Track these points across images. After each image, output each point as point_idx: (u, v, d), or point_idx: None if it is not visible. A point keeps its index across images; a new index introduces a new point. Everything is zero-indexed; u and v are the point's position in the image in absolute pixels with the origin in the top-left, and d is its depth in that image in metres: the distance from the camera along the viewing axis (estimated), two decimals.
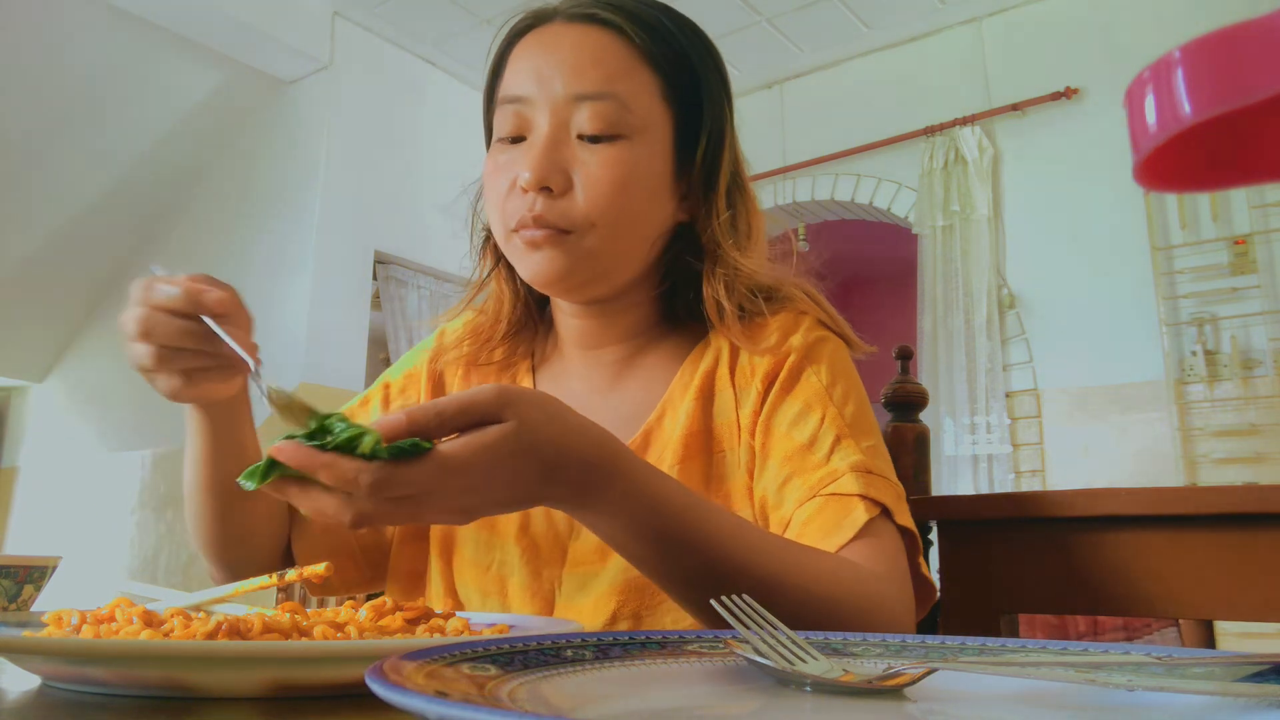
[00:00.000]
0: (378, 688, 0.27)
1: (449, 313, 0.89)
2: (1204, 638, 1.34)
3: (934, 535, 0.99)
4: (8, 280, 4.21)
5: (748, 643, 0.39)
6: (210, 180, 4.15)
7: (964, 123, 3.63)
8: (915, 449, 1.03)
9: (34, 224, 4.09)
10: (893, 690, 0.36)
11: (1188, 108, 0.25)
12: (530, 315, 0.87)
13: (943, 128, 3.68)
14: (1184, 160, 0.30)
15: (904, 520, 0.68)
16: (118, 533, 3.98)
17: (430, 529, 0.84)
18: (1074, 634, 2.45)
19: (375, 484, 0.45)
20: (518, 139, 0.74)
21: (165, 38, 3.55)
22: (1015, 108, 3.55)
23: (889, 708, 0.35)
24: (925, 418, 1.06)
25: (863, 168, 3.96)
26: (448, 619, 0.52)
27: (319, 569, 0.55)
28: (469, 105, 4.07)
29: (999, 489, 3.36)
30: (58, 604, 0.58)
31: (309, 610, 0.51)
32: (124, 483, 4.05)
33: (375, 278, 3.89)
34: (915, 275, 3.73)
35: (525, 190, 0.71)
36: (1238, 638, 2.64)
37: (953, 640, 0.42)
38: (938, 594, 0.76)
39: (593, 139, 0.71)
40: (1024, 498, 0.91)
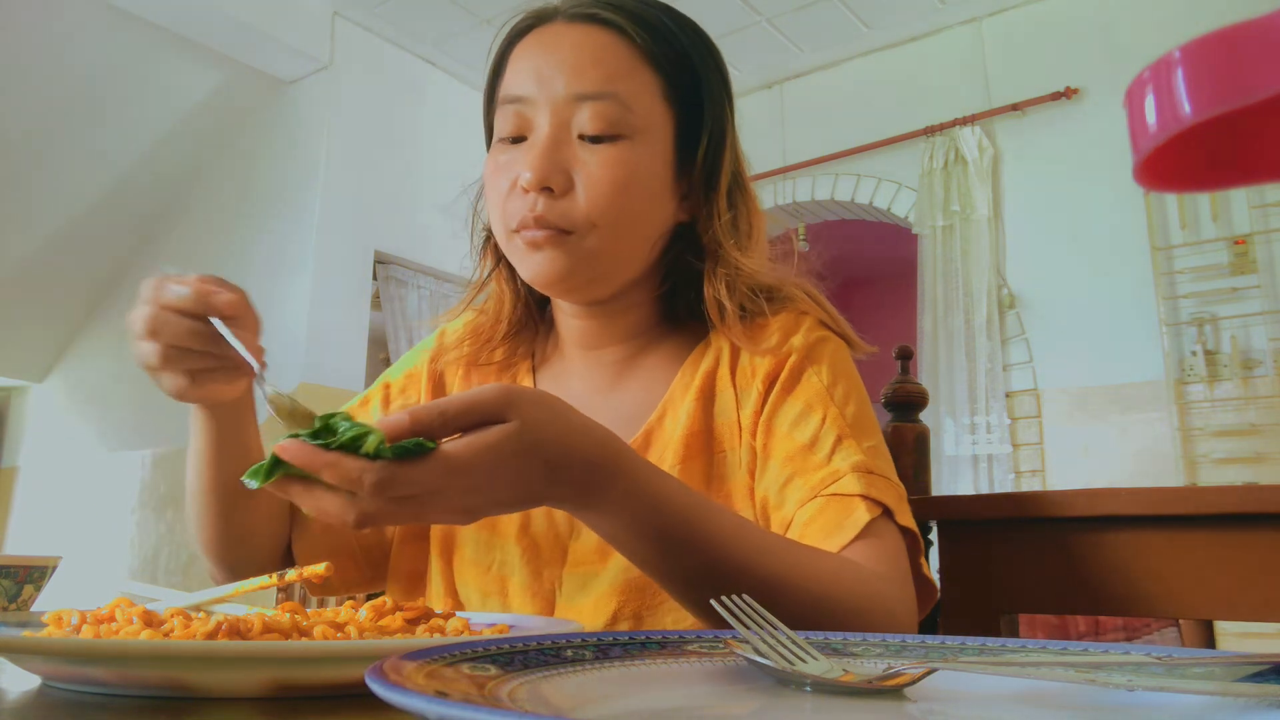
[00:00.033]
0: (378, 688, 0.27)
1: (449, 313, 0.89)
2: (1204, 638, 1.34)
3: (934, 535, 0.99)
4: (8, 280, 4.21)
5: (748, 643, 0.39)
6: (210, 180, 4.15)
7: (964, 123, 3.63)
8: (915, 449, 1.03)
9: (34, 224, 4.09)
10: (893, 690, 0.36)
11: (1188, 108, 0.25)
12: (531, 315, 0.87)
13: (943, 128, 3.68)
14: (1184, 160, 0.30)
15: (905, 520, 0.68)
16: (118, 533, 3.98)
17: (431, 529, 0.84)
18: (1074, 634, 2.45)
19: (379, 483, 0.45)
20: (518, 139, 0.74)
21: (165, 38, 3.55)
22: (1015, 108, 3.55)
23: (889, 708, 0.35)
24: (925, 418, 1.06)
25: (863, 168, 3.96)
26: (448, 619, 0.52)
27: (319, 569, 0.55)
28: (469, 105, 4.07)
29: (999, 489, 3.36)
30: (58, 604, 0.58)
31: (309, 610, 0.51)
32: (124, 483, 4.05)
33: (375, 278, 3.89)
34: (915, 275, 3.73)
35: (526, 190, 0.71)
36: (1238, 638, 2.64)
37: (953, 640, 0.42)
38: (938, 594, 0.76)
39: (594, 139, 0.71)
40: (1024, 498, 0.91)
